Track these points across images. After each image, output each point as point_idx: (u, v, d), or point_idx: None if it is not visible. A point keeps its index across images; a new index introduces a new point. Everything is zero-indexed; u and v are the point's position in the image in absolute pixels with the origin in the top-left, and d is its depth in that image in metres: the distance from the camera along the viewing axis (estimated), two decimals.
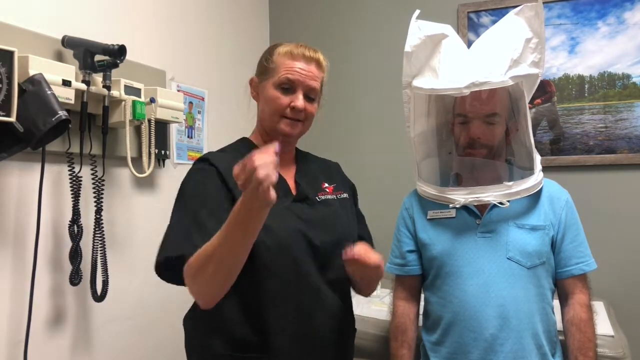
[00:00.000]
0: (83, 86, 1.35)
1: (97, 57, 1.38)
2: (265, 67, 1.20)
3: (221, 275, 0.97)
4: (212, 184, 1.10)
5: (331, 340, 1.16)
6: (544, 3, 1.99)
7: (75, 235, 1.39)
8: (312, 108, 1.19)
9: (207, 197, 1.08)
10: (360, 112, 2.47)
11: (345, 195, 1.29)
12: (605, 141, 2.10)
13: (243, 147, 1.21)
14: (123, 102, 1.49)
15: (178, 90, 1.90)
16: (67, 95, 1.29)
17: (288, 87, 1.15)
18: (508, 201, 1.31)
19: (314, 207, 1.19)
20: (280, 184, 1.13)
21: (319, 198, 1.21)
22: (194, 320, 1.18)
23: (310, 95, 1.17)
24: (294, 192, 1.20)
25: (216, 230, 0.96)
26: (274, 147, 0.88)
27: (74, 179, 1.38)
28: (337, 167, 1.39)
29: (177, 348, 1.22)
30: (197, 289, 1.01)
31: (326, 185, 1.27)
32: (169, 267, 1.04)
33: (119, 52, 1.36)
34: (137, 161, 1.63)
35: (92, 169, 1.44)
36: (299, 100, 1.14)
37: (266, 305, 1.09)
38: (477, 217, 1.36)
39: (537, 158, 1.37)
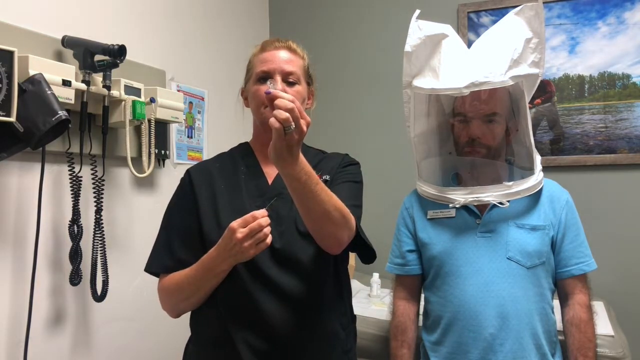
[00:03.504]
0: (83, 86, 1.35)
1: (97, 57, 1.38)
2: (247, 72, 1.25)
3: (188, 301, 1.14)
4: (183, 202, 1.19)
5: (302, 341, 1.12)
6: (544, 3, 1.99)
7: (75, 235, 1.39)
8: (293, 92, 1.17)
9: (176, 219, 1.19)
10: (361, 112, 2.47)
11: (325, 177, 1.23)
12: (605, 141, 2.10)
13: (238, 152, 1.28)
14: (123, 102, 1.49)
15: (178, 90, 1.90)
16: (67, 95, 1.29)
17: (265, 77, 1.17)
18: (508, 201, 1.31)
19: (286, 201, 1.16)
20: (259, 184, 1.19)
21: None
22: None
23: (289, 79, 1.18)
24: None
25: (181, 250, 1.14)
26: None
27: (74, 179, 1.38)
28: (342, 157, 1.30)
29: (177, 348, 1.23)
30: (166, 308, 1.18)
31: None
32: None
33: (119, 52, 1.35)
34: (137, 161, 1.63)
35: (92, 169, 1.44)
36: (277, 84, 1.15)
37: (221, 301, 1.11)
38: (477, 216, 1.36)
39: (537, 158, 1.37)
